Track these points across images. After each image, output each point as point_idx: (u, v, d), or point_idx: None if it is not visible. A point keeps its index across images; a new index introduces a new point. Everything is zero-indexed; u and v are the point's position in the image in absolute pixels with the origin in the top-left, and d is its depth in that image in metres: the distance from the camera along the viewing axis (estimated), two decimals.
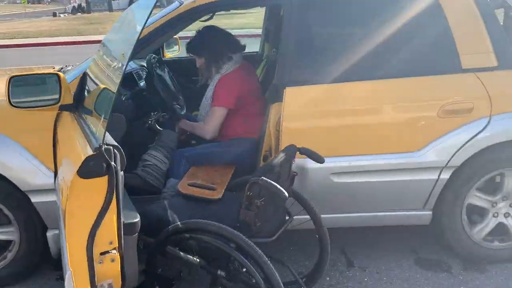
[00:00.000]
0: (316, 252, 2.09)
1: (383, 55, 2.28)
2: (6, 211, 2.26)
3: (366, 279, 2.39)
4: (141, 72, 3.12)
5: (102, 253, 1.38)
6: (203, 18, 2.54)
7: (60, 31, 21.32)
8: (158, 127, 2.74)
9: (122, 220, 1.42)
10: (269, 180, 1.60)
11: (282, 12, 2.35)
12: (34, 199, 2.20)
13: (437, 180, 2.30)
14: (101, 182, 1.30)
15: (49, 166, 2.16)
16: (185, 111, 2.84)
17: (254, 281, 1.68)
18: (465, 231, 2.44)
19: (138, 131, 2.63)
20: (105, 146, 1.28)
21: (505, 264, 2.46)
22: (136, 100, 2.75)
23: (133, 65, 3.14)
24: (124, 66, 1.35)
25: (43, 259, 2.42)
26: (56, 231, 2.27)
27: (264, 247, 1.81)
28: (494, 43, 2.26)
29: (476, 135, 2.23)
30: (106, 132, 1.32)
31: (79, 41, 16.84)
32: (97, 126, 1.44)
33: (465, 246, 2.46)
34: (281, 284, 1.62)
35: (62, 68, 2.90)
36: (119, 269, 1.44)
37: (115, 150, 1.31)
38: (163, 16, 2.36)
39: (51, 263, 2.47)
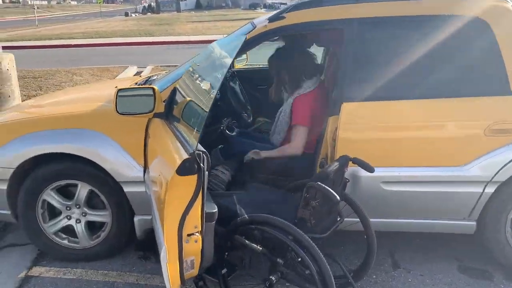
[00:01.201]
0: (364, 251, 2.36)
1: (435, 76, 2.49)
2: (102, 198, 2.73)
3: (409, 280, 2.62)
4: None
5: (189, 235, 1.75)
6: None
7: (132, 31, 22.59)
8: (228, 132, 3.10)
9: (205, 210, 1.78)
10: (323, 185, 1.91)
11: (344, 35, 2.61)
12: (126, 189, 2.64)
13: (481, 193, 2.48)
14: (192, 179, 1.67)
15: (140, 162, 2.59)
16: (251, 119, 3.18)
17: (307, 272, 1.99)
18: (508, 243, 2.59)
19: (212, 135, 3.01)
20: (197, 151, 1.65)
21: None
22: (211, 108, 3.14)
23: None
24: (213, 100, 1.72)
25: (129, 241, 2.86)
26: (142, 217, 2.71)
27: (318, 242, 2.11)
28: None
29: None
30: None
31: (149, 42, 17.85)
32: (190, 135, 1.81)
33: (508, 257, 2.61)
34: (331, 275, 1.91)
35: (149, 78, 3.35)
36: (200, 249, 1.81)
37: (204, 155, 1.68)
38: (241, 36, 2.70)
39: (135, 244, 2.92)
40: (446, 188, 2.51)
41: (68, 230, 2.84)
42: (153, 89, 2.32)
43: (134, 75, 10.17)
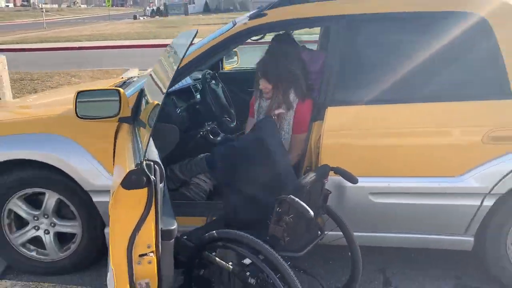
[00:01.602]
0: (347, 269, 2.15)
1: (428, 78, 2.28)
2: (72, 208, 2.55)
3: None
4: (198, 86, 3.31)
5: (141, 255, 1.56)
6: (253, 38, 2.65)
7: (138, 34, 22.58)
8: (211, 137, 2.91)
9: (160, 227, 1.59)
10: (296, 199, 1.71)
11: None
12: (95, 198, 2.46)
13: (479, 207, 2.26)
14: (142, 193, 1.48)
15: (109, 170, 2.41)
16: (235, 123, 2.99)
17: None
18: (509, 261, 2.37)
19: (191, 141, 2.82)
20: (146, 161, 1.46)
21: None
22: (190, 112, 2.95)
23: (189, 80, 3.33)
24: (162, 101, 1.53)
25: (101, 254, 2.69)
26: None
27: (295, 261, 1.91)
28: None
29: None
30: (150, 148, 1.50)
31: (154, 44, 17.80)
32: (139, 145, 1.63)
33: (508, 273, 2.39)
34: None
35: (128, 80, 3.18)
36: (156, 270, 1.61)
37: (155, 166, 1.49)
38: (218, 36, 2.51)
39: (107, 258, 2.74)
40: (440, 201, 2.29)
41: (37, 242, 2.67)
42: (118, 91, 2.14)
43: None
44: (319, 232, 2.09)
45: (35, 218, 2.60)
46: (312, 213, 1.70)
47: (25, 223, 2.63)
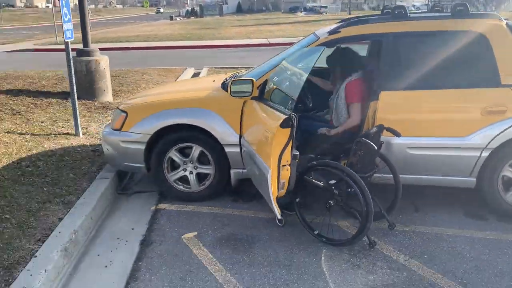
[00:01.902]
0: (390, 199, 3.44)
1: (449, 74, 3.54)
2: (208, 156, 3.94)
3: (426, 219, 3.66)
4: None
5: (283, 165, 2.92)
6: None
7: (182, 35, 24.13)
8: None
9: (292, 152, 2.94)
10: (366, 140, 3.03)
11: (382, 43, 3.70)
12: (227, 149, 3.84)
13: (479, 157, 3.51)
14: (288, 131, 2.83)
15: (236, 131, 3.77)
16: (312, 104, 4.31)
17: (351, 190, 3.07)
18: (500, 195, 3.60)
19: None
20: (292, 114, 2.81)
21: None
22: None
23: None
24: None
25: (227, 186, 4.05)
26: (237, 170, 3.90)
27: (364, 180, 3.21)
28: None
29: (507, 128, 3.40)
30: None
31: (201, 46, 19.31)
32: (282, 107, 2.99)
33: (499, 206, 3.62)
34: (370, 195, 3.00)
35: (233, 75, 4.54)
36: (289, 175, 2.97)
37: (294, 117, 2.83)
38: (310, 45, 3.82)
39: (230, 191, 4.12)
40: (453, 153, 3.55)
41: (183, 180, 4.07)
42: (252, 80, 3.51)
43: (192, 76, 11.54)
44: (376, 167, 3.39)
45: (184, 163, 4.00)
46: (376, 147, 3.02)
47: (176, 166, 4.04)
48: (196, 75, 11.62)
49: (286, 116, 2.85)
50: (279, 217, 3.12)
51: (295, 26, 30.92)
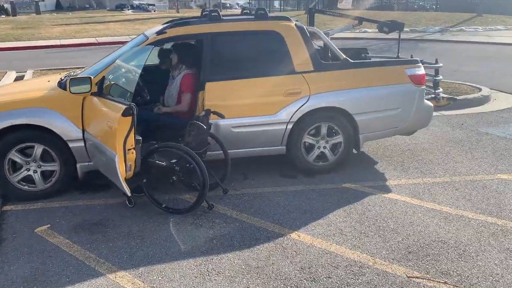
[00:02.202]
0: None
1: (257, 65, 4.41)
2: (52, 153, 4.11)
3: (252, 183, 4.51)
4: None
5: (129, 149, 3.37)
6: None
7: None
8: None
9: (135, 137, 3.42)
10: (197, 122, 3.68)
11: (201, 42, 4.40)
12: (71, 144, 4.07)
13: (285, 129, 4.48)
14: (129, 119, 3.29)
15: (78, 126, 4.04)
16: (148, 97, 4.80)
17: (191, 166, 3.71)
18: (303, 157, 4.65)
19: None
20: (131, 104, 3.28)
21: (323, 174, 4.68)
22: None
23: None
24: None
25: (73, 181, 4.27)
26: (83, 163, 4.16)
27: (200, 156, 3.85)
28: (311, 57, 4.48)
29: (302, 105, 4.44)
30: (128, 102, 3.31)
31: (20, 47, 17.70)
32: (121, 99, 3.44)
33: (304, 165, 4.67)
34: (205, 169, 3.67)
35: (68, 74, 4.73)
36: (135, 158, 3.44)
37: (134, 106, 3.31)
38: (140, 44, 4.29)
39: (77, 185, 4.35)
40: (267, 128, 4.45)
41: (27, 180, 4.14)
42: (90, 78, 3.84)
43: (15, 80, 10.74)
44: (208, 144, 4.08)
45: (27, 163, 4.09)
46: (205, 127, 3.69)
47: (18, 167, 4.10)
48: (19, 78, 10.83)
49: (127, 106, 3.30)
50: (129, 194, 3.56)
51: (124, 24, 30.25)
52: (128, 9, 62.70)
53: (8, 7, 50.38)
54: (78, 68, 11.57)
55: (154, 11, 59.65)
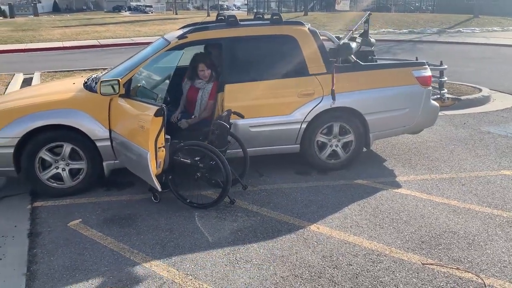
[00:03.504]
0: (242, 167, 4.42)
1: (273, 68, 4.64)
2: (80, 152, 4.32)
3: (268, 180, 4.74)
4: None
5: (159, 147, 3.59)
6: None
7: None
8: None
9: (165, 136, 3.64)
10: (220, 121, 3.91)
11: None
12: (98, 144, 4.29)
13: (300, 128, 4.72)
14: (160, 119, 3.52)
15: (105, 126, 4.26)
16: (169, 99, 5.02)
17: (213, 163, 3.94)
18: (317, 155, 4.89)
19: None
20: (162, 105, 3.50)
21: (336, 171, 4.93)
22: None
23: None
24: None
25: (100, 178, 4.49)
26: (109, 161, 4.38)
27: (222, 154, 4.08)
28: (324, 60, 4.72)
29: (316, 105, 4.67)
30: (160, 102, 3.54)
31: (23, 49, 17.84)
32: (151, 101, 3.67)
33: (317, 163, 4.91)
34: (229, 166, 3.90)
35: (91, 76, 4.94)
36: (164, 155, 3.66)
37: (165, 107, 3.53)
38: (161, 49, 4.52)
39: (103, 182, 4.56)
40: (283, 127, 4.69)
41: (56, 177, 4.36)
42: (119, 80, 4.06)
43: (23, 81, 10.92)
44: (228, 142, 4.31)
45: (56, 162, 4.30)
46: (228, 126, 3.92)
47: (48, 165, 4.31)
48: (27, 80, 11.03)
49: (159, 107, 3.53)
50: (160, 189, 3.78)
51: (124, 26, 30.44)
52: (126, 11, 62.81)
53: (6, 8, 50.42)
54: (83, 71, 11.80)
55: (152, 12, 59.79)
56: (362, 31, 6.07)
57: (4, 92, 9.11)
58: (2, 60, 15.18)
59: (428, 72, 5.04)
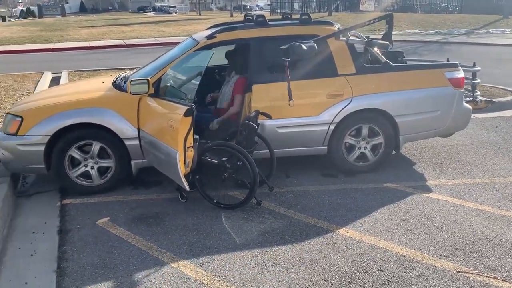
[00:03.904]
0: (268, 169, 4.37)
1: (301, 68, 4.58)
2: (108, 151, 4.36)
3: (295, 181, 4.69)
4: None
5: (188, 147, 3.59)
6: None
7: (26, 38, 22.26)
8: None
9: (194, 136, 3.63)
10: (249, 122, 3.87)
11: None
12: (127, 142, 4.31)
13: (328, 130, 4.65)
14: (189, 119, 3.51)
15: (134, 125, 4.28)
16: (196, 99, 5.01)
17: (241, 163, 3.91)
18: (344, 157, 4.81)
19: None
20: (192, 106, 3.49)
21: (363, 174, 4.84)
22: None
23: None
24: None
25: (128, 176, 4.51)
26: (137, 160, 4.40)
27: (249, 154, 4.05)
28: (354, 60, 4.64)
29: (345, 106, 4.60)
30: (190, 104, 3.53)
31: (51, 48, 18.22)
32: (180, 101, 3.66)
33: (345, 165, 4.83)
34: (256, 167, 3.86)
35: (119, 75, 4.98)
36: (193, 155, 3.65)
37: (194, 107, 3.52)
38: (191, 48, 4.52)
39: (130, 181, 4.59)
40: (310, 128, 4.62)
41: (84, 175, 4.40)
42: (148, 80, 4.08)
43: (51, 80, 11.15)
44: (256, 143, 4.27)
45: (85, 160, 4.34)
46: (255, 126, 3.89)
47: (77, 163, 4.36)
48: (55, 79, 11.26)
49: (188, 107, 3.52)
50: (188, 189, 3.77)
51: (148, 26, 30.84)
52: (150, 11, 63.64)
53: (35, 9, 51.76)
54: (107, 70, 11.96)
55: (176, 13, 60.36)
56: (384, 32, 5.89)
57: (34, 91, 9.32)
58: (31, 59, 15.55)
59: (461, 74, 4.90)
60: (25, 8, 58.63)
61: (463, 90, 4.95)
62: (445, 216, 3.87)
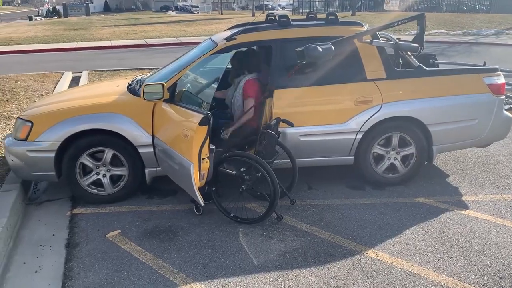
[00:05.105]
0: (290, 179, 4.06)
1: (327, 72, 4.25)
2: (121, 158, 4.13)
3: (318, 193, 4.37)
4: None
5: (203, 158, 3.31)
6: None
7: (50, 37, 22.46)
8: None
9: (210, 146, 3.35)
10: (269, 130, 3.57)
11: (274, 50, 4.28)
12: (141, 150, 4.08)
13: (355, 139, 4.31)
14: (205, 128, 3.23)
15: (148, 132, 4.04)
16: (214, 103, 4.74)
17: (259, 174, 3.61)
18: (372, 168, 4.46)
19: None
20: (208, 113, 3.21)
21: (393, 187, 4.48)
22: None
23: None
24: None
25: (140, 184, 4.28)
26: (151, 169, 4.16)
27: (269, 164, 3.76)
28: (384, 64, 4.29)
29: (374, 114, 4.25)
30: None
31: (73, 48, 18.29)
32: (196, 108, 3.38)
33: (372, 177, 4.48)
34: (276, 178, 3.56)
35: (135, 78, 4.75)
36: (208, 167, 3.38)
37: (210, 116, 3.25)
38: (210, 50, 4.24)
39: (144, 189, 4.36)
40: (336, 137, 4.30)
41: (96, 184, 4.19)
42: (163, 84, 3.82)
43: (71, 80, 11.09)
44: (276, 153, 3.97)
45: (97, 167, 4.12)
46: (277, 135, 3.58)
47: (89, 171, 4.14)
48: (75, 79, 11.19)
49: (204, 115, 3.25)
50: (203, 204, 3.50)
51: (170, 26, 30.81)
52: (173, 11, 63.91)
53: (60, 9, 52.55)
54: (128, 70, 11.84)
55: (198, 12, 60.47)
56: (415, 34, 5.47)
57: (53, 91, 9.23)
58: (54, 58, 15.59)
59: (501, 79, 4.50)
60: (51, 7, 59.67)
61: (503, 97, 4.54)
62: (485, 238, 3.50)
